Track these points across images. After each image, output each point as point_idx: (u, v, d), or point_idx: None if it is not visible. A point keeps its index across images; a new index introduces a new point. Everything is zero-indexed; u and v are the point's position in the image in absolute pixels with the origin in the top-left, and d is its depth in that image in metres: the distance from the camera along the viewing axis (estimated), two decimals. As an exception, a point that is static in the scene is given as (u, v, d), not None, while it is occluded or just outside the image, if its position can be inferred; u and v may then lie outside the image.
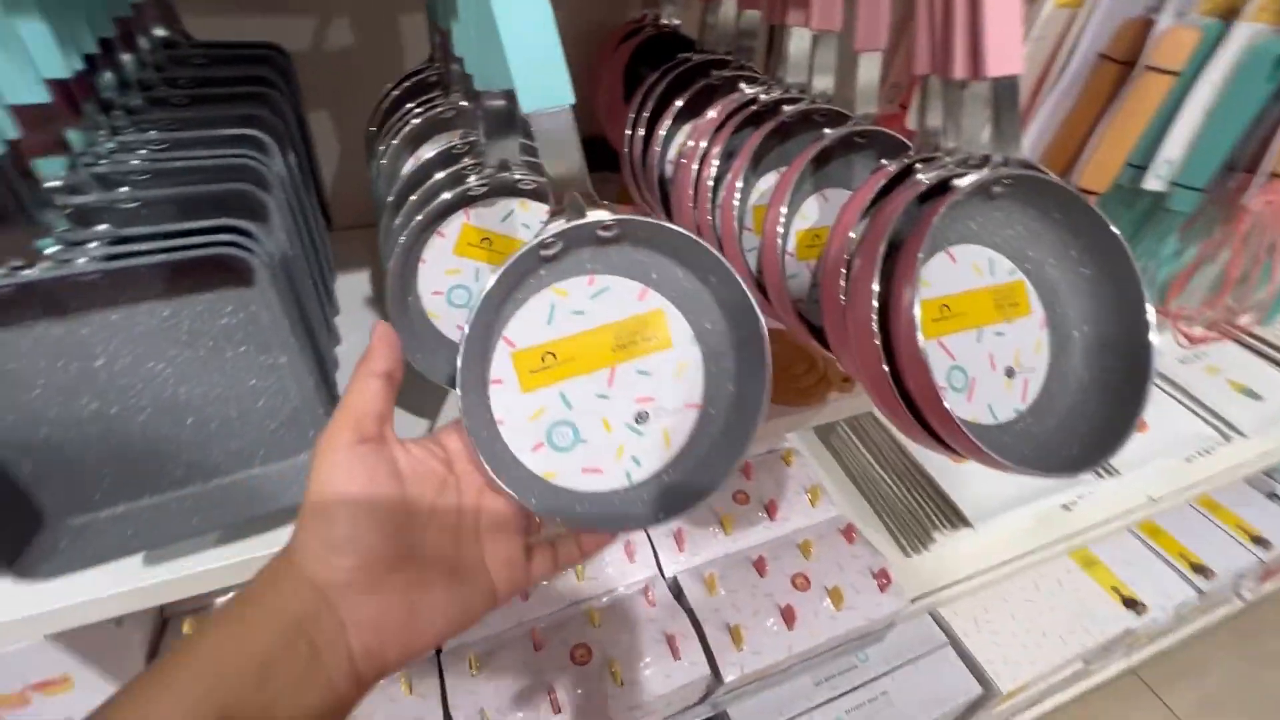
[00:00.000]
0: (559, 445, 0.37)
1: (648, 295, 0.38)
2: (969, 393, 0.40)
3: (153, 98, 0.49)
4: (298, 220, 0.49)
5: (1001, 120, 0.37)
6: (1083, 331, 0.43)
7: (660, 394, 0.39)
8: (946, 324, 0.40)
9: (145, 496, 0.40)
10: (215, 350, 0.38)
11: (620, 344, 0.38)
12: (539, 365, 0.36)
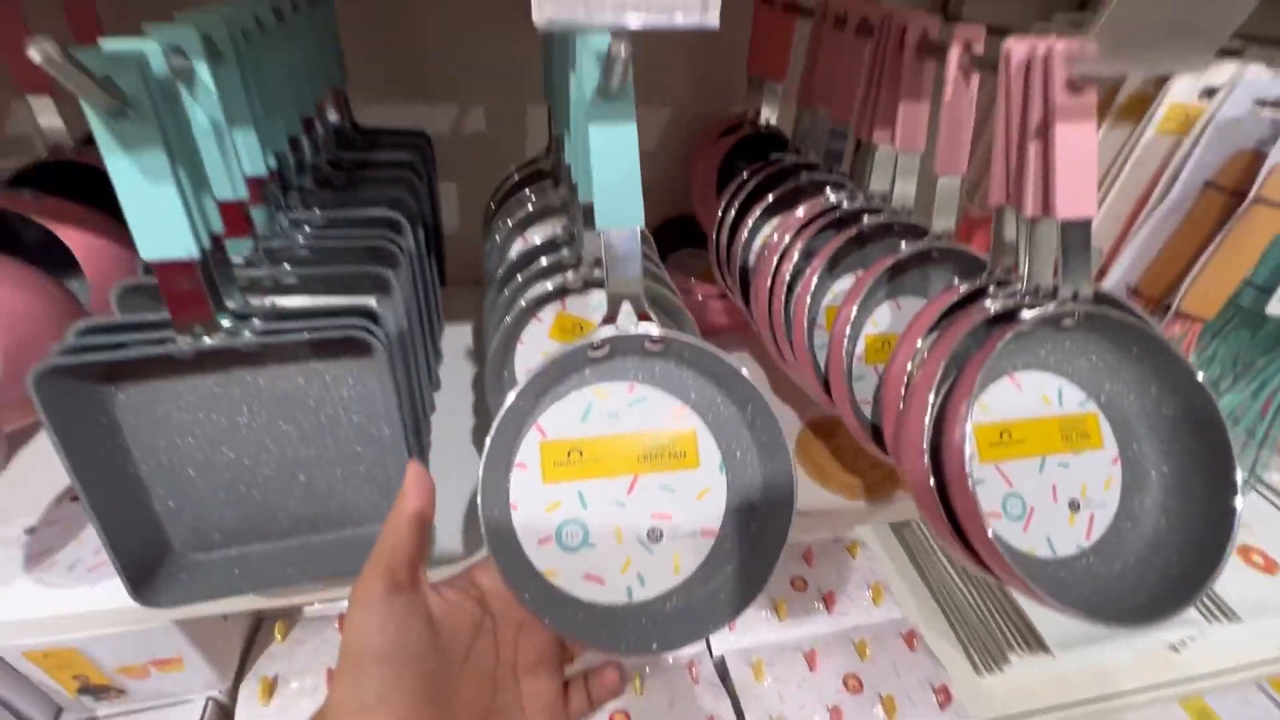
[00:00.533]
0: (567, 545, 0.37)
1: (684, 413, 0.39)
2: (1025, 522, 0.39)
3: (321, 179, 0.59)
4: (417, 287, 0.57)
5: (1071, 258, 0.37)
6: (1161, 473, 0.41)
7: (678, 514, 0.38)
8: (1005, 449, 0.40)
9: (255, 543, 0.46)
10: (334, 417, 0.44)
11: (647, 455, 0.38)
12: (564, 459, 0.37)
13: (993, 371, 0.40)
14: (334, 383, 0.44)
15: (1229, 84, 0.49)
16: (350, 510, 0.48)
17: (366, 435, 0.46)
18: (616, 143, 0.36)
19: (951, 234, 0.49)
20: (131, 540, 0.41)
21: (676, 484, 0.38)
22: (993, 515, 0.39)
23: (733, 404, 0.39)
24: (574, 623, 0.36)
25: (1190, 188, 0.52)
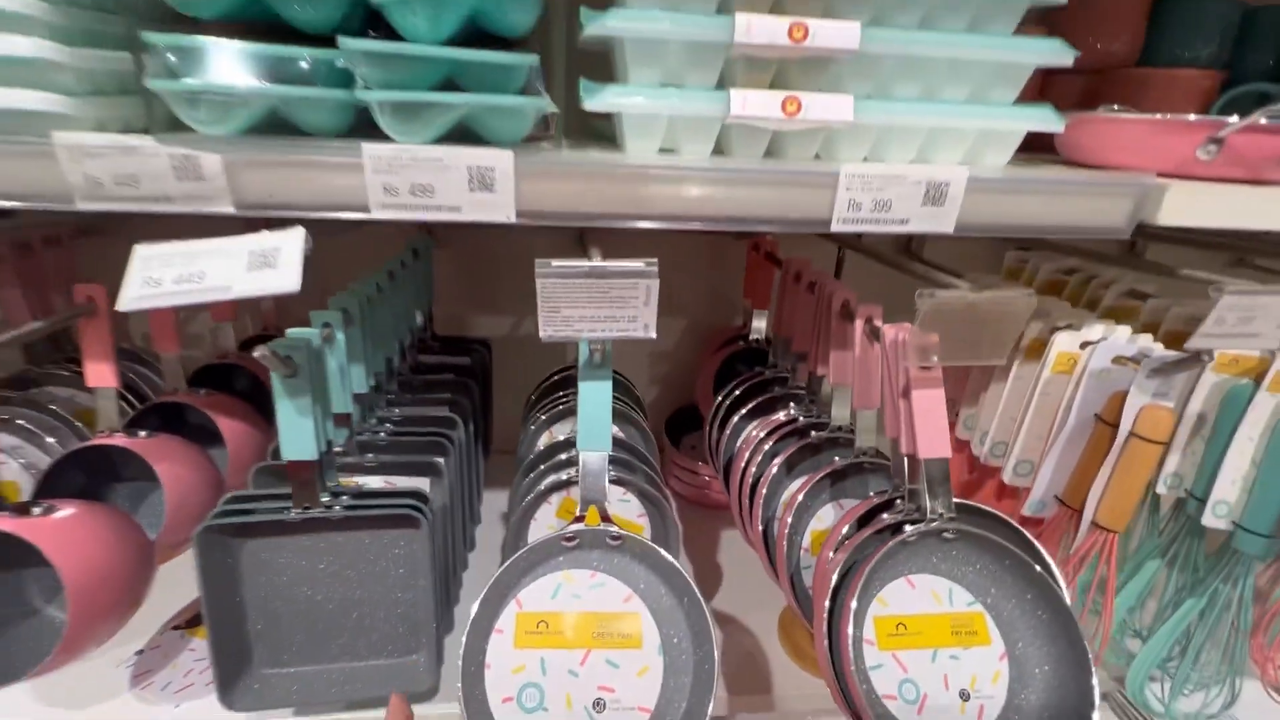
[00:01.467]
0: (525, 706, 0.45)
1: (632, 599, 0.49)
2: (919, 707, 0.47)
3: (404, 382, 0.79)
4: (462, 468, 0.73)
5: (935, 486, 0.49)
6: (1043, 670, 0.48)
7: (620, 689, 0.47)
8: (901, 640, 0.48)
9: (312, 664, 0.59)
10: (385, 568, 0.59)
11: (600, 633, 0.48)
12: (534, 628, 0.47)
13: (889, 573, 0.50)
14: (389, 544, 0.59)
15: (1097, 342, 0.62)
16: (385, 642, 0.61)
17: (407, 584, 0.59)
18: (596, 395, 0.52)
19: (873, 451, 0.62)
20: (228, 653, 0.55)
21: (621, 661, 0.48)
22: (889, 698, 0.46)
23: (673, 595, 0.50)
24: None
25: (1083, 419, 0.63)
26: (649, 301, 0.44)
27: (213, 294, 0.37)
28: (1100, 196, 0.49)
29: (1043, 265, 0.90)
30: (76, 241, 0.84)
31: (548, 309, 0.43)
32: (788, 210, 0.46)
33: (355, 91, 0.42)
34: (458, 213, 0.43)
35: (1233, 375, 0.67)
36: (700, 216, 0.46)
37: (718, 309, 1.06)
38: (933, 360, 0.48)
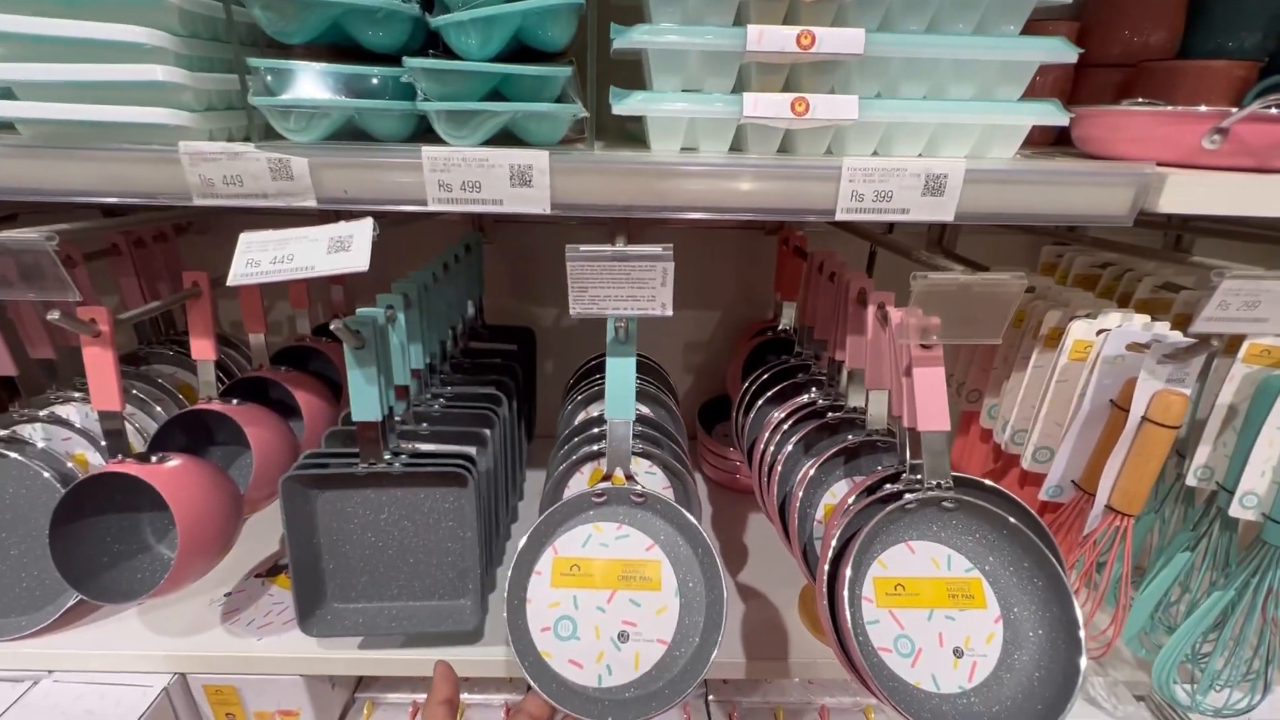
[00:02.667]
0: (560, 635, 0.54)
1: (653, 549, 0.57)
2: (914, 659, 0.50)
3: (455, 364, 0.87)
4: (506, 442, 0.80)
5: (933, 457, 0.52)
6: (1038, 634, 0.51)
7: (642, 623, 0.54)
8: (899, 599, 0.52)
9: (375, 601, 0.68)
10: (437, 520, 0.66)
11: (624, 576, 0.55)
12: (567, 571, 0.55)
13: (891, 538, 0.54)
14: (441, 498, 0.66)
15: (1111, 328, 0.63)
16: (437, 586, 0.69)
17: (456, 536, 0.67)
18: (621, 368, 0.58)
19: (885, 430, 0.65)
20: (307, 587, 0.64)
21: (643, 601, 0.55)
22: (884, 650, 0.50)
23: (689, 546, 0.57)
24: (556, 694, 0.52)
25: (1098, 405, 0.65)
26: (666, 283, 0.49)
27: (300, 272, 0.44)
28: (1100, 186, 0.51)
29: (1077, 259, 0.91)
30: (180, 239, 0.96)
31: (577, 289, 0.49)
32: (796, 201, 0.51)
33: (417, 103, 0.49)
34: (500, 205, 0.50)
35: (1265, 366, 0.66)
36: (716, 207, 0.51)
37: (751, 302, 1.10)
38: (933, 340, 0.52)
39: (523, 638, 0.53)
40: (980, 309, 0.49)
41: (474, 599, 0.67)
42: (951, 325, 0.50)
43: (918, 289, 0.49)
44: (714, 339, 1.13)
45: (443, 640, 0.72)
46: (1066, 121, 0.54)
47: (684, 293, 1.10)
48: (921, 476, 0.53)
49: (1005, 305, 0.49)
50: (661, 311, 0.50)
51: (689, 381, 1.17)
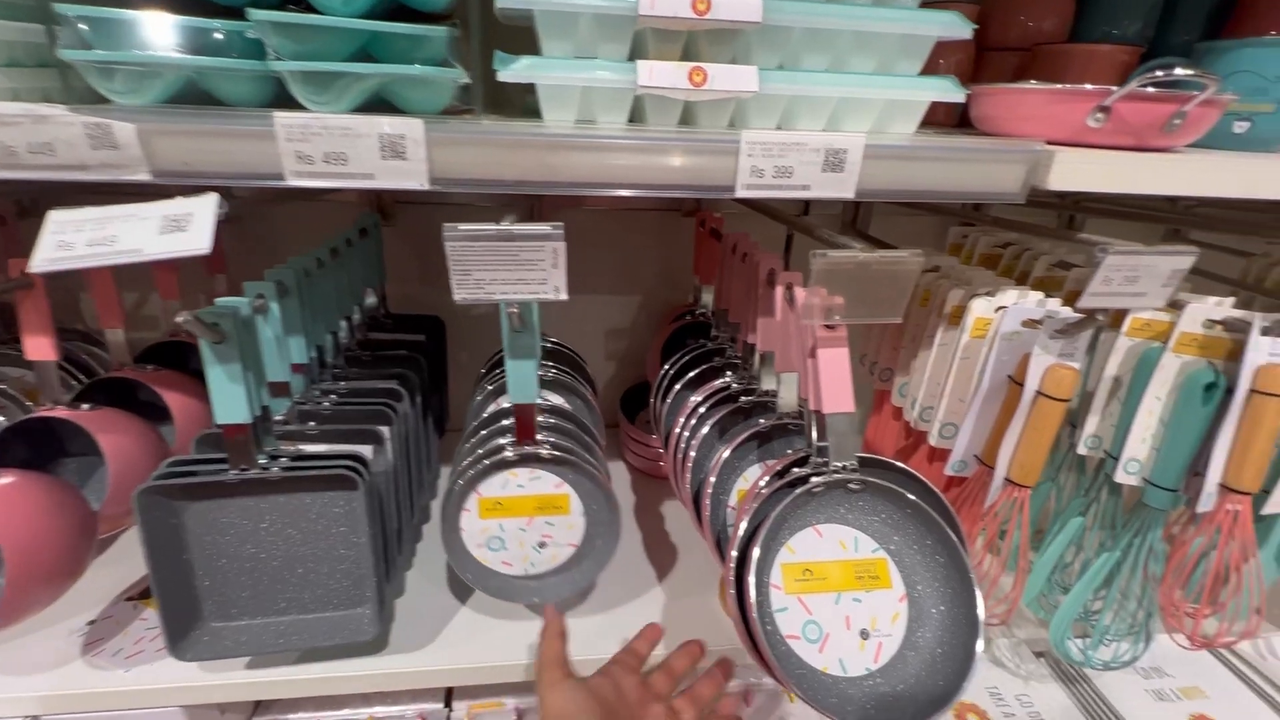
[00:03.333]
0: (491, 548, 0.67)
1: (562, 485, 0.65)
2: (821, 645, 0.50)
3: (352, 357, 0.80)
4: (408, 441, 0.75)
5: (839, 439, 0.52)
6: (940, 610, 0.51)
7: (556, 536, 0.67)
8: (807, 585, 0.52)
9: (260, 617, 0.62)
10: (327, 526, 0.61)
11: (540, 507, 0.65)
12: (492, 507, 0.65)
13: (798, 523, 0.53)
14: (329, 503, 0.61)
15: (1008, 306, 0.65)
16: (331, 596, 0.63)
17: (349, 542, 0.62)
18: (521, 355, 0.54)
19: (797, 413, 0.64)
20: (176, 608, 0.58)
21: (556, 521, 0.67)
22: (792, 637, 0.50)
23: (590, 482, 0.65)
24: (493, 588, 0.68)
25: (997, 380, 0.66)
26: (557, 264, 0.46)
27: (124, 257, 0.38)
28: (994, 163, 0.51)
29: (981, 239, 0.94)
30: (21, 223, 0.84)
31: (459, 272, 0.45)
32: (694, 177, 0.48)
33: (268, 62, 0.43)
34: (371, 180, 0.45)
35: (1145, 339, 0.70)
36: (610, 183, 0.48)
37: (672, 285, 1.08)
38: (836, 319, 0.51)
39: (461, 551, 0.66)
40: (881, 287, 0.48)
41: (372, 607, 0.62)
42: (853, 304, 0.49)
43: (817, 267, 0.47)
44: (635, 324, 1.11)
45: (343, 652, 0.66)
46: (963, 98, 0.54)
47: (603, 278, 1.08)
48: (828, 459, 0.52)
49: (904, 283, 0.48)
50: (554, 295, 0.47)
51: (611, 369, 1.14)
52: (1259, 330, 0.61)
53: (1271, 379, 0.61)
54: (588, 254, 1.04)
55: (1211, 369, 0.65)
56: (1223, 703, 0.90)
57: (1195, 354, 0.66)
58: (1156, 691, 0.91)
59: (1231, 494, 0.64)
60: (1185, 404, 0.66)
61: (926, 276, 0.77)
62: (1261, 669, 0.96)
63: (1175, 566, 0.70)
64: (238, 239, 0.91)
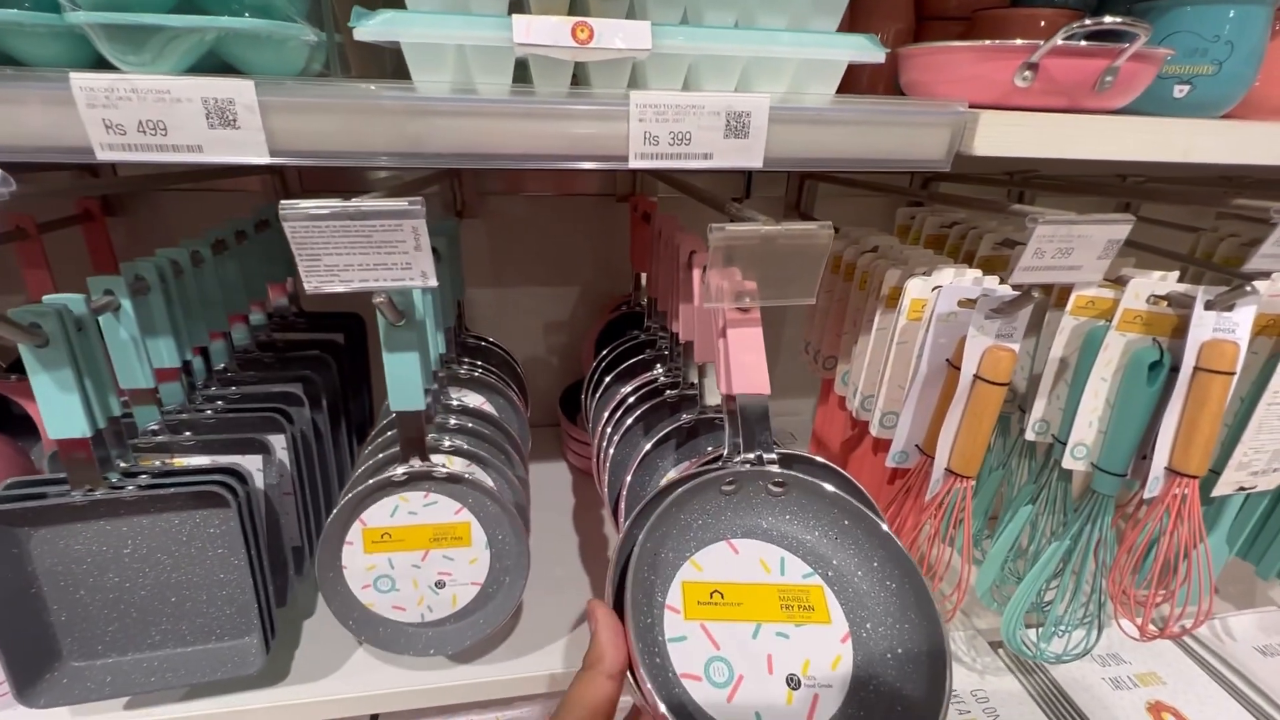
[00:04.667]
0: (380, 589, 0.58)
1: (462, 512, 0.57)
2: (731, 692, 0.38)
3: (249, 360, 0.74)
4: (309, 450, 0.68)
5: (752, 427, 0.46)
6: (896, 655, 0.41)
7: (456, 573, 0.59)
8: (715, 610, 0.41)
9: (130, 653, 0.55)
10: (202, 549, 0.55)
11: (435, 538, 0.57)
12: (379, 539, 0.57)
13: (708, 534, 0.45)
14: (202, 523, 0.54)
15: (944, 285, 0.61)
16: (213, 626, 0.57)
17: (228, 565, 0.55)
18: (403, 359, 0.49)
19: (717, 406, 0.59)
20: (24, 648, 0.51)
21: (456, 555, 0.59)
22: (689, 677, 0.38)
23: (499, 509, 0.57)
24: (383, 638, 0.60)
25: (935, 365, 0.62)
26: (421, 245, 0.40)
27: None
28: (914, 126, 0.47)
29: (928, 219, 0.90)
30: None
31: (307, 258, 0.39)
32: (581, 146, 0.43)
33: (64, 14, 0.37)
34: (199, 154, 0.39)
35: (1090, 317, 0.66)
36: (485, 154, 0.42)
37: (610, 276, 1.03)
38: (747, 302, 0.46)
39: (345, 595, 0.58)
40: (789, 264, 0.43)
41: (258, 636, 0.56)
42: (762, 284, 0.44)
43: (716, 242, 0.42)
44: (574, 318, 1.05)
45: (239, 685, 0.60)
46: (882, 57, 0.49)
47: (538, 268, 1.02)
48: (742, 450, 0.47)
49: (815, 259, 0.43)
50: (423, 282, 0.41)
51: (553, 364, 1.09)
52: (1202, 304, 0.58)
53: (1217, 355, 0.58)
54: (521, 243, 0.98)
55: (1156, 346, 0.62)
56: (1179, 688, 0.88)
57: (1140, 332, 0.63)
58: (1114, 679, 0.88)
59: (1179, 477, 0.61)
60: (1130, 384, 0.63)
61: (865, 258, 0.73)
62: (1219, 652, 0.95)
63: (1124, 554, 0.67)
64: (128, 233, 0.83)
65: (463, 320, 0.84)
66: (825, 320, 0.82)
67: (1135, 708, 0.84)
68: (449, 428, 0.62)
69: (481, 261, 0.97)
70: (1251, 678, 0.90)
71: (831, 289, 0.80)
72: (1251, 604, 1.02)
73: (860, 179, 0.91)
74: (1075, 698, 0.85)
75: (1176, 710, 0.86)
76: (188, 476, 0.52)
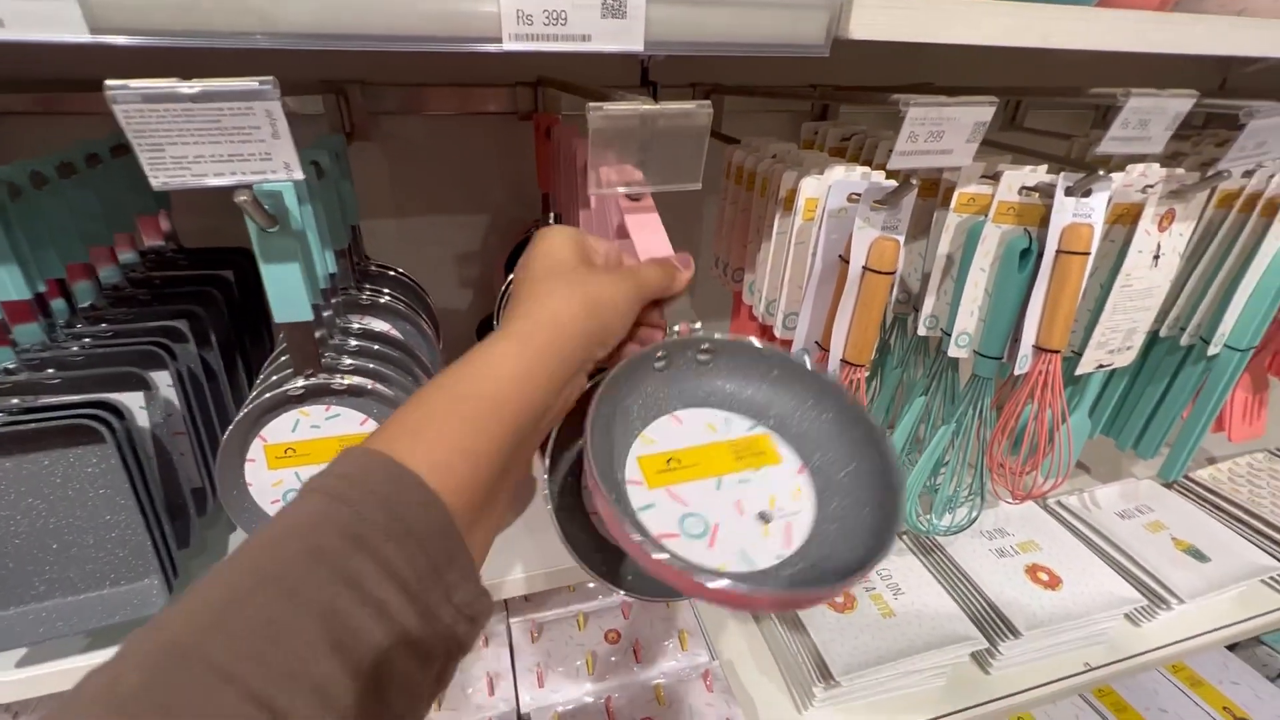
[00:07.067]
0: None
1: (368, 423, 0.56)
2: (710, 539, 0.41)
3: (123, 298, 0.68)
4: (200, 385, 0.64)
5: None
6: (848, 471, 0.44)
7: None
8: (675, 474, 0.43)
9: (10, 607, 0.52)
10: (81, 491, 0.51)
11: (345, 445, 0.54)
12: (282, 454, 0.56)
13: (651, 410, 0.46)
14: (79, 462, 0.51)
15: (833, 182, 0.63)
16: (105, 570, 0.54)
17: (114, 506, 0.52)
18: (282, 268, 0.46)
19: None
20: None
21: None
22: (668, 536, 0.41)
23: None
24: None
25: (829, 261, 0.65)
26: (280, 133, 0.37)
27: None
28: (795, 8, 0.47)
29: (830, 131, 0.92)
30: None
31: (149, 148, 0.36)
32: (447, 26, 0.41)
33: None
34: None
35: (971, 214, 0.70)
36: (343, 34, 0.39)
37: (521, 201, 1.00)
38: (638, 189, 0.46)
39: (250, 507, 0.57)
40: (671, 146, 0.43)
41: (159, 577, 0.54)
42: (648, 170, 0.44)
43: (595, 123, 0.42)
44: (487, 247, 1.02)
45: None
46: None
47: (444, 196, 0.98)
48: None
49: (697, 140, 0.44)
50: (286, 175, 0.39)
51: (468, 297, 1.06)
52: (1063, 190, 0.63)
53: (1074, 238, 0.63)
54: (423, 168, 0.94)
55: (1027, 235, 0.67)
56: (1053, 551, 0.99)
57: (1013, 223, 0.68)
58: (999, 549, 0.99)
59: (1043, 353, 0.67)
60: (1004, 272, 0.68)
61: (764, 164, 0.74)
62: (1087, 519, 1.07)
63: (999, 428, 0.74)
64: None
65: (360, 246, 0.80)
66: (731, 232, 0.83)
67: (1016, 570, 0.95)
68: (348, 349, 0.60)
69: (380, 189, 0.92)
70: (1112, 538, 1.03)
71: (736, 200, 0.81)
72: (1116, 477, 1.15)
73: (761, 89, 0.92)
74: (965, 567, 0.95)
75: (1049, 569, 0.97)
76: (53, 412, 0.48)
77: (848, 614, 0.89)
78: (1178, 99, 0.56)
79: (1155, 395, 0.91)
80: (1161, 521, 1.09)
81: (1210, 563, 1.02)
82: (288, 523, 0.28)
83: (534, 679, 0.83)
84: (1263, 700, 1.14)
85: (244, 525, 0.58)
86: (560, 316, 0.38)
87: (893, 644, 0.86)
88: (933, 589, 0.93)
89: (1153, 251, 0.72)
